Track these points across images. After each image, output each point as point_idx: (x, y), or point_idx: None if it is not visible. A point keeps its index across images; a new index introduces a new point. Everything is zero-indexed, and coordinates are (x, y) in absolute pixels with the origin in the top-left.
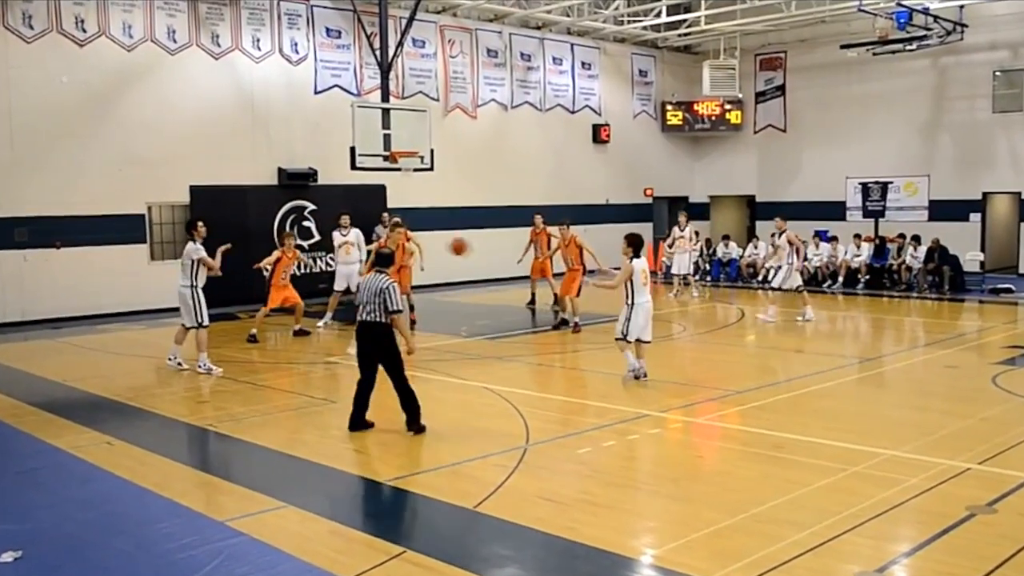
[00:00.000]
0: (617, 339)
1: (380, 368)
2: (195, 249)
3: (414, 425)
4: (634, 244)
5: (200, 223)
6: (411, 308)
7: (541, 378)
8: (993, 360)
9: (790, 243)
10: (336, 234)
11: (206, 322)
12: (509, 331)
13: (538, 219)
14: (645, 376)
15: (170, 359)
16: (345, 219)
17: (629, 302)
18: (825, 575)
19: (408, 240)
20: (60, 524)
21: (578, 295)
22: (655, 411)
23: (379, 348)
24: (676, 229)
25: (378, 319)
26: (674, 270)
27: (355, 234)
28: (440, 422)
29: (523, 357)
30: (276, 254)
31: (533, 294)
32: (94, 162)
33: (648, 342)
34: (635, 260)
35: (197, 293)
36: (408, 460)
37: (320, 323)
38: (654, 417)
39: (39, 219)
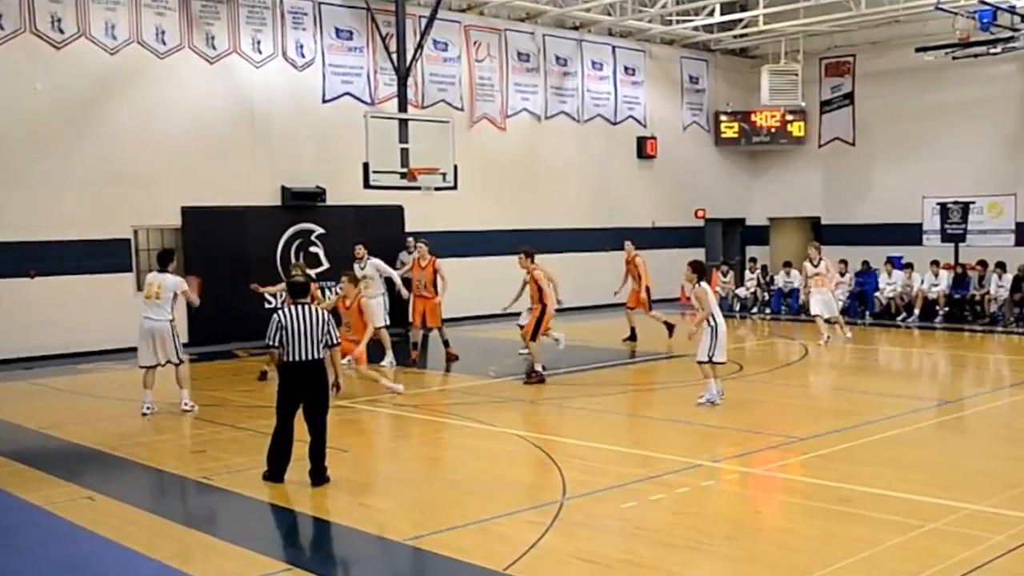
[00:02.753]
0: (701, 363)
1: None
2: (181, 282)
3: (322, 476)
4: (698, 270)
5: (174, 254)
6: (446, 343)
7: (578, 424)
8: None
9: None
10: (355, 267)
11: (184, 357)
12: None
13: (628, 245)
14: (722, 394)
15: (146, 409)
16: (360, 250)
17: (712, 323)
18: None
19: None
20: None
21: (534, 338)
22: (708, 461)
23: (316, 388)
24: (808, 265)
25: (318, 356)
26: (815, 310)
27: (372, 266)
28: (465, 473)
29: (558, 399)
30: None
31: (632, 328)
32: (72, 180)
33: (724, 363)
34: (704, 284)
35: (175, 328)
36: (429, 516)
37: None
38: (707, 467)
39: (10, 245)
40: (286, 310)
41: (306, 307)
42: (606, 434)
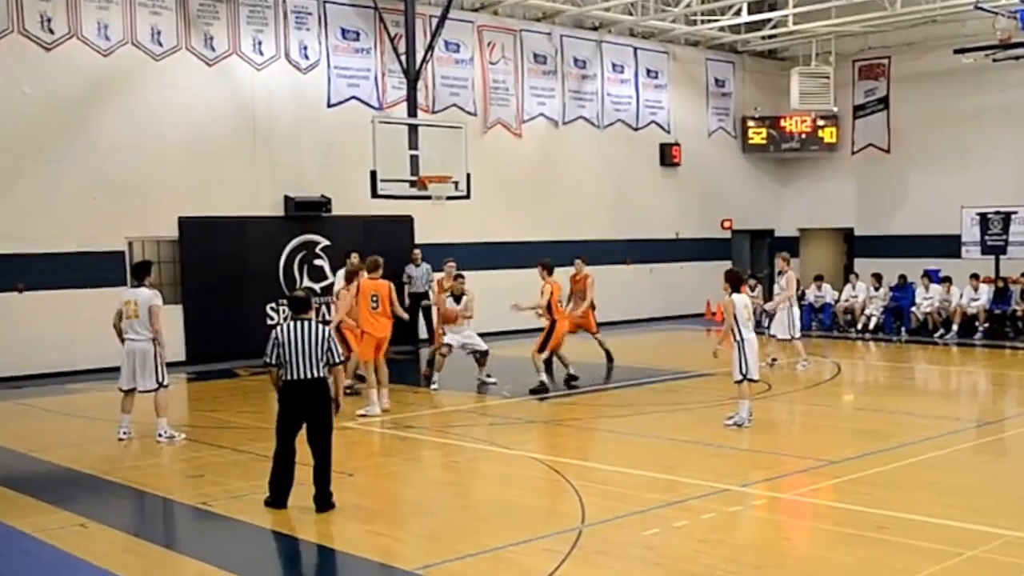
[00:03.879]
0: (737, 382)
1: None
2: (153, 295)
3: (326, 502)
4: (731, 280)
5: (152, 266)
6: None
7: (598, 446)
8: None
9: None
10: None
11: (167, 381)
12: (560, 391)
13: (579, 263)
14: (751, 415)
15: (123, 434)
16: (354, 258)
17: (737, 338)
18: None
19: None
20: None
21: (541, 351)
22: (735, 485)
23: (317, 407)
24: (779, 277)
25: (319, 374)
26: (773, 331)
27: None
28: (478, 499)
29: (576, 421)
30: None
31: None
32: (63, 189)
33: (757, 380)
34: (734, 295)
35: (158, 347)
36: (440, 544)
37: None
38: (734, 492)
39: None
40: (285, 326)
41: (306, 323)
42: (627, 457)
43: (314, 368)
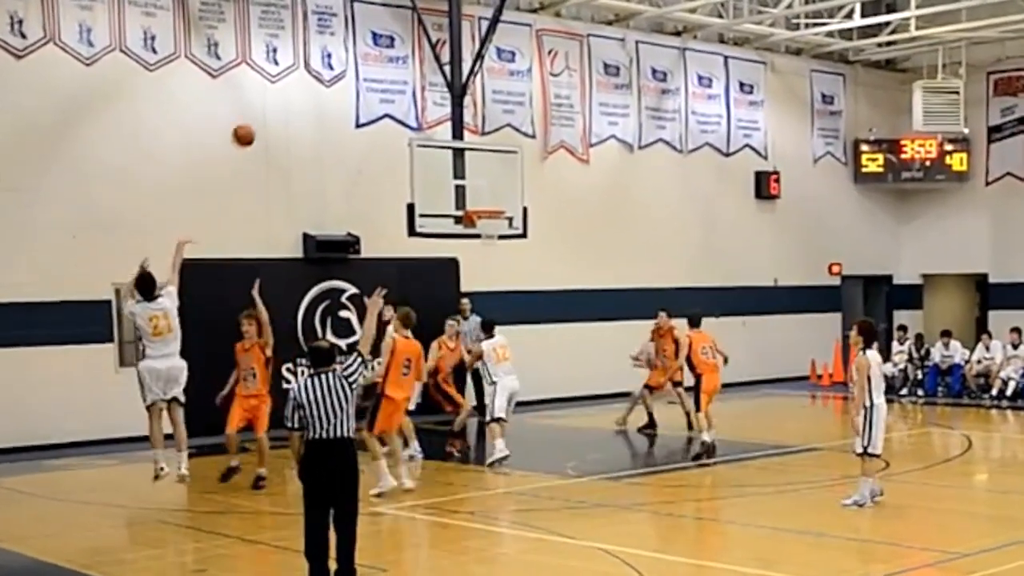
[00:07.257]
0: (859, 454)
1: None
2: (174, 294)
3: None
4: (865, 332)
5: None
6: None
7: (681, 535)
8: None
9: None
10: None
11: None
12: (633, 468)
13: (662, 315)
14: (881, 494)
15: (161, 471)
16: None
17: (867, 403)
18: None
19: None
20: None
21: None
22: None
23: (348, 473)
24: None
25: (348, 434)
26: None
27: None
28: None
29: (655, 505)
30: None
31: (650, 414)
32: (38, 225)
33: (878, 456)
34: (869, 352)
35: None
36: None
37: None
38: None
39: None
40: (303, 382)
41: (328, 376)
42: (716, 549)
43: (342, 427)
